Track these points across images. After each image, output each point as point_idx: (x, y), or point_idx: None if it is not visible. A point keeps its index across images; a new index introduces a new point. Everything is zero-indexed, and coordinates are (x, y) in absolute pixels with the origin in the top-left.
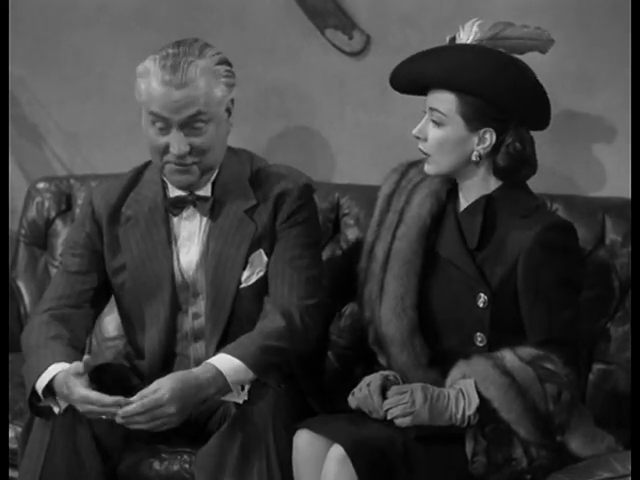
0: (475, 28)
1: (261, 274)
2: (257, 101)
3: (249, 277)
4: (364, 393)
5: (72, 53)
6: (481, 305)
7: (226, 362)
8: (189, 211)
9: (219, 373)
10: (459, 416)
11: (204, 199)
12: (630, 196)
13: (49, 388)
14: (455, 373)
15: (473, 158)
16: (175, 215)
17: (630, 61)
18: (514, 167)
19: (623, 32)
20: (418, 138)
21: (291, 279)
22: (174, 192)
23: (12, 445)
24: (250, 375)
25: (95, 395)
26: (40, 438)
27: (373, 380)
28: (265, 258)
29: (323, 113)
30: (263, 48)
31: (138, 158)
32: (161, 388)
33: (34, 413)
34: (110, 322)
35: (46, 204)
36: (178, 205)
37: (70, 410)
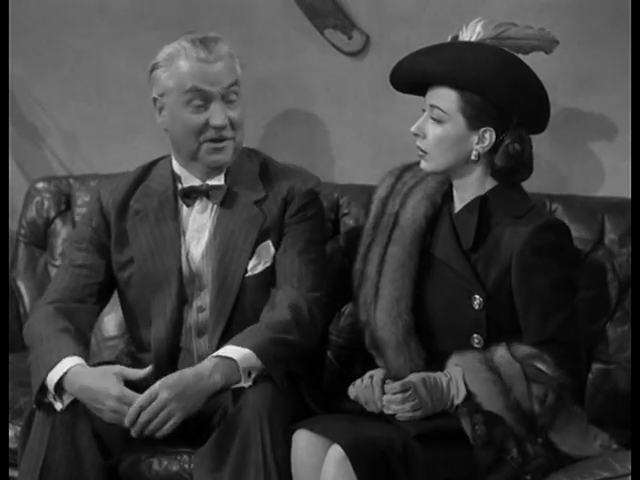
0: (479, 28)
1: (267, 265)
2: (256, 100)
3: (255, 266)
4: (366, 383)
5: (72, 53)
6: (476, 307)
7: (233, 351)
8: (202, 203)
9: (223, 359)
10: (449, 404)
11: (217, 188)
12: (630, 196)
13: (59, 382)
14: (450, 364)
15: (472, 157)
16: (188, 206)
17: (630, 61)
18: (512, 168)
19: (623, 32)
20: (416, 135)
21: (299, 272)
22: (187, 182)
23: (12, 444)
24: (259, 364)
25: (134, 397)
26: (40, 435)
27: (376, 373)
28: (272, 250)
29: (322, 113)
30: (262, 48)
31: (137, 158)
32: (154, 385)
33: (38, 407)
34: (109, 321)
35: (45, 204)
36: (191, 195)
37: (70, 407)
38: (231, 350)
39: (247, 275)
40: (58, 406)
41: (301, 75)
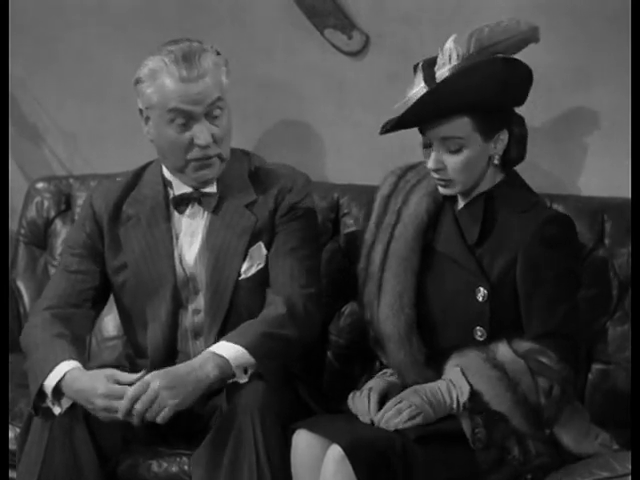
0: (451, 45)
1: (260, 266)
2: (256, 101)
3: (248, 269)
4: (364, 395)
5: (72, 53)
6: (480, 299)
7: (226, 347)
8: (193, 208)
9: (215, 355)
10: (454, 405)
11: (209, 195)
12: (630, 196)
13: (56, 387)
14: (449, 367)
15: (495, 162)
16: (181, 212)
17: (629, 60)
18: (522, 152)
19: (622, 31)
20: (437, 170)
21: (292, 269)
22: (179, 190)
23: (12, 446)
24: (252, 360)
25: (122, 390)
26: (38, 438)
27: (375, 386)
28: (264, 251)
29: (322, 113)
30: (262, 48)
31: (137, 158)
32: (146, 377)
33: (36, 412)
34: (109, 322)
35: (45, 204)
36: (183, 202)
37: (68, 411)
38: (224, 347)
39: (241, 278)
40: (57, 410)
41: (301, 75)
